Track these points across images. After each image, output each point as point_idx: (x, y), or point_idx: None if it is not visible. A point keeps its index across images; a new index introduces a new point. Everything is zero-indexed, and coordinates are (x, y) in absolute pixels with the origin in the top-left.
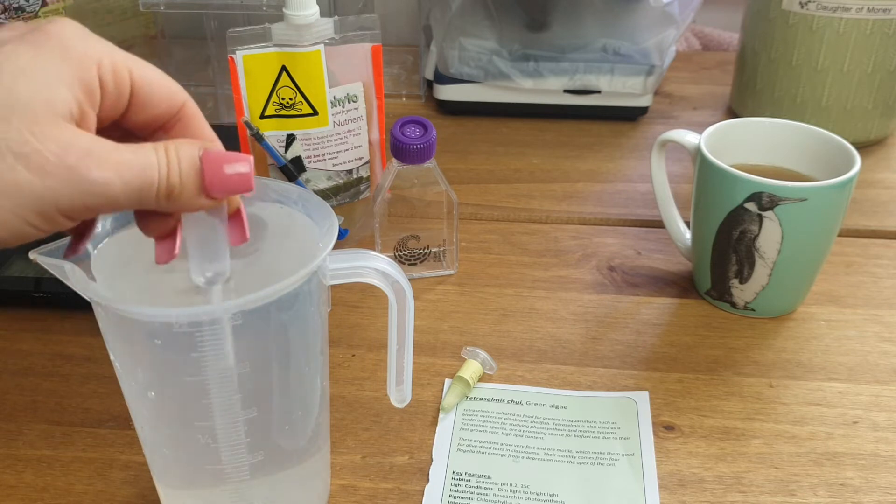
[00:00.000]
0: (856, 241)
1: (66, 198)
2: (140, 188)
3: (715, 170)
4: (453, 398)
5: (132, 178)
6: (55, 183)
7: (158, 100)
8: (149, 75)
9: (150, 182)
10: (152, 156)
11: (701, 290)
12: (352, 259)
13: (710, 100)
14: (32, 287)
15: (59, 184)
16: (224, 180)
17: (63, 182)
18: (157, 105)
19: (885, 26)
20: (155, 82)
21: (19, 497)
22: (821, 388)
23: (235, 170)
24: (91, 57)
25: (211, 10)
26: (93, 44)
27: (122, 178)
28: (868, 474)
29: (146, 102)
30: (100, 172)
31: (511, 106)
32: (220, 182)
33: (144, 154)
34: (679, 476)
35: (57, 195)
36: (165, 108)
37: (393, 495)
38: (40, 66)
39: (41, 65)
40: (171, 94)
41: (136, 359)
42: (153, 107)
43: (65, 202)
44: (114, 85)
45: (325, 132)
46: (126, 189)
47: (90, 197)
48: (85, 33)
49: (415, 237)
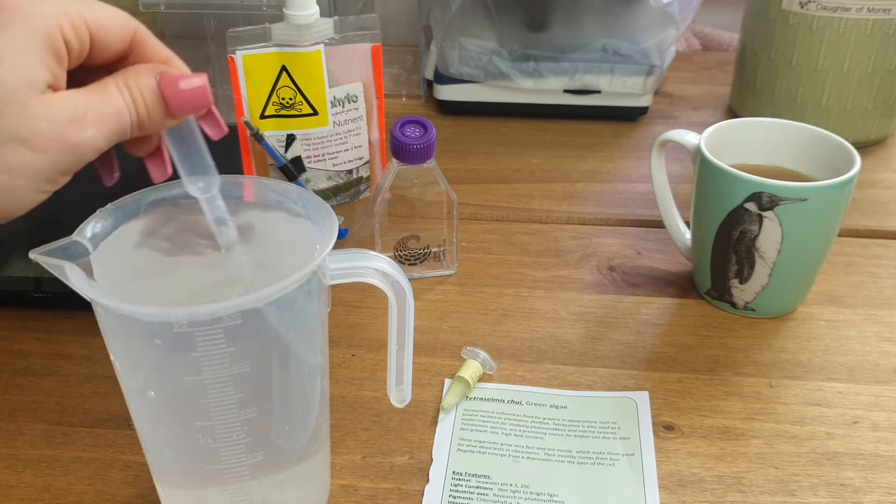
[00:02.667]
0: (856, 241)
1: (63, 163)
2: (118, 132)
3: (715, 170)
4: (453, 398)
5: (110, 127)
6: (54, 154)
7: (114, 38)
8: (101, 17)
9: (124, 124)
10: (119, 98)
11: (701, 290)
12: (352, 259)
13: (710, 100)
14: (32, 287)
15: (57, 154)
16: (184, 98)
17: (60, 151)
18: (114, 43)
19: (885, 26)
20: (108, 22)
21: (19, 497)
22: (821, 388)
23: (192, 85)
24: (51, 20)
25: (211, 10)
26: (48, 6)
27: (102, 131)
28: (868, 474)
29: (104, 44)
30: (84, 134)
31: (511, 106)
32: (181, 101)
33: (112, 99)
34: (679, 476)
35: (57, 162)
36: (121, 43)
37: (393, 495)
38: (13, 50)
39: (13, 48)
40: (123, 26)
41: (136, 359)
42: (110, 46)
43: (64, 164)
44: (77, 41)
45: (325, 132)
46: (108, 137)
47: (82, 154)
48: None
49: (415, 237)
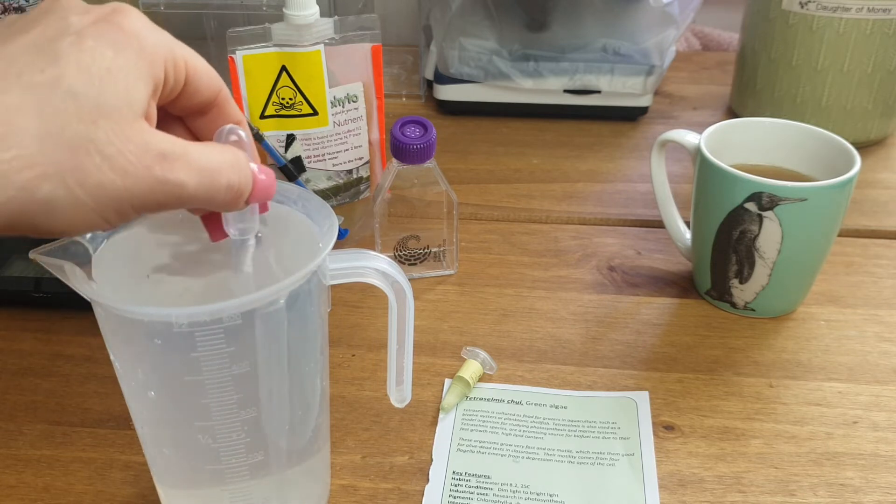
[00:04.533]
0: (856, 241)
1: (140, 196)
2: (208, 193)
3: (715, 170)
4: (453, 398)
5: (203, 182)
6: (133, 183)
7: (204, 88)
8: (198, 65)
9: (217, 188)
10: (223, 158)
11: (701, 290)
12: (352, 259)
13: (710, 100)
14: (32, 287)
15: (137, 183)
16: (263, 193)
17: (140, 182)
18: (203, 93)
19: (885, 26)
20: (202, 72)
21: (19, 497)
22: (821, 388)
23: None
24: (160, 53)
25: (211, 10)
26: (157, 36)
27: (192, 182)
28: (868, 474)
29: (195, 91)
30: (174, 174)
31: (511, 106)
32: (260, 193)
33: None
34: (679, 476)
35: (133, 194)
36: (207, 95)
37: (393, 495)
38: (122, 67)
39: (123, 65)
40: (213, 81)
41: (136, 359)
42: (199, 95)
43: (139, 200)
44: (174, 78)
45: (325, 132)
46: (196, 192)
47: (163, 196)
48: (150, 25)
49: (415, 237)
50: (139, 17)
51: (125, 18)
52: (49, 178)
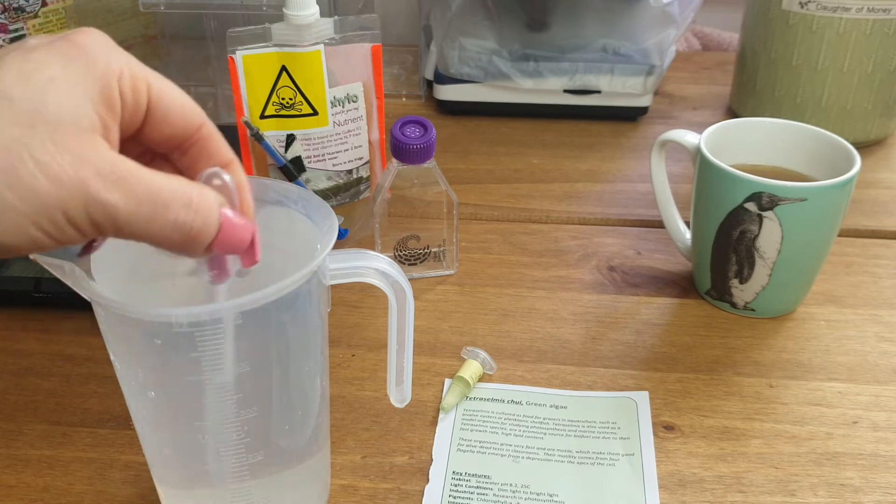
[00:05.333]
0: (856, 241)
1: (73, 211)
2: (147, 225)
3: (715, 170)
4: (453, 398)
5: (144, 211)
6: (67, 195)
7: (175, 118)
8: (167, 91)
9: (161, 223)
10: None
11: (701, 290)
12: (352, 259)
13: (710, 100)
14: (32, 287)
15: (71, 196)
16: (230, 243)
17: (74, 196)
18: (174, 123)
19: (885, 26)
20: (173, 100)
21: (19, 497)
22: (821, 388)
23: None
24: (113, 70)
25: (211, 10)
26: (115, 56)
27: (130, 207)
28: (868, 474)
29: (163, 119)
30: (108, 195)
31: (511, 106)
32: (227, 243)
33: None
34: (679, 476)
35: (67, 207)
36: (182, 127)
37: (393, 495)
38: (67, 78)
39: (68, 77)
40: (189, 113)
41: (136, 359)
42: (169, 124)
43: (72, 215)
44: (132, 98)
45: (325, 132)
46: (133, 220)
47: (97, 216)
48: (109, 45)
49: (415, 237)
50: (100, 38)
51: (83, 36)
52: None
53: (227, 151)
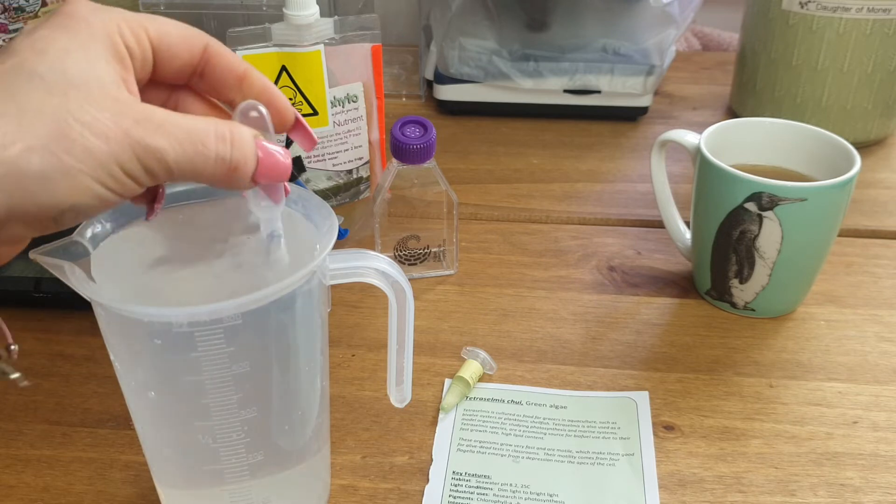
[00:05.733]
0: (856, 241)
1: (127, 162)
2: (192, 162)
3: (715, 170)
4: (453, 398)
5: (186, 150)
6: (117, 148)
7: (179, 49)
8: (163, 27)
9: (204, 157)
10: (210, 131)
11: (701, 290)
12: (352, 259)
13: (710, 100)
14: (32, 287)
15: (121, 148)
16: (272, 171)
17: (123, 147)
18: (180, 54)
19: (885, 26)
20: (171, 33)
21: (19, 497)
22: (821, 388)
23: (284, 161)
24: (111, 27)
25: (211, 10)
26: (107, 14)
27: (175, 149)
28: (868, 474)
29: (168, 54)
30: (153, 140)
31: (511, 106)
32: (268, 172)
33: (201, 129)
34: (679, 476)
35: (120, 159)
36: (188, 55)
37: (393, 495)
38: (78, 45)
39: (78, 44)
40: (189, 38)
41: (136, 359)
42: (177, 57)
43: (127, 166)
44: (138, 47)
45: (325, 132)
46: (179, 159)
47: (148, 162)
48: (96, 6)
49: (415, 237)
50: (86, 3)
51: (71, 6)
52: (36, 150)
53: (239, 62)
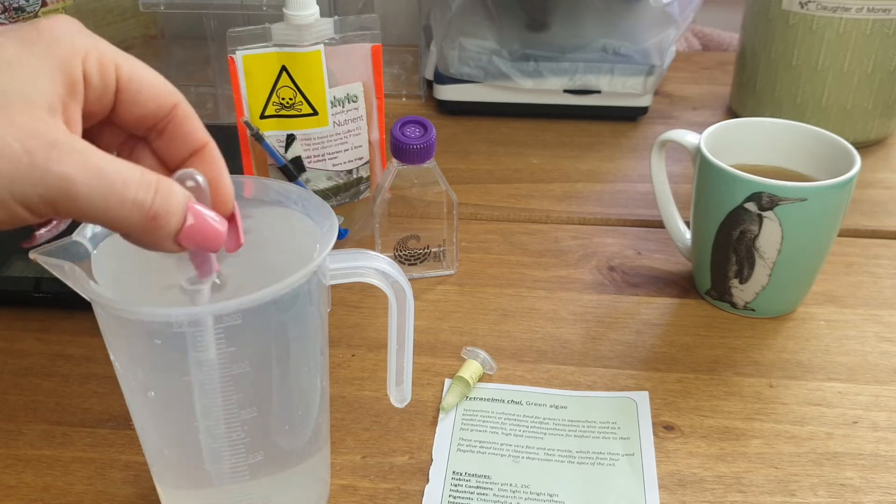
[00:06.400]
0: (856, 241)
1: (20, 185)
2: (105, 202)
3: (715, 170)
4: (453, 398)
5: (100, 188)
6: (13, 168)
7: (147, 97)
8: (138, 72)
9: (119, 200)
10: (133, 174)
11: (701, 290)
12: (352, 259)
13: (710, 100)
14: (32, 287)
15: (17, 170)
16: (200, 234)
17: (21, 169)
18: (146, 103)
19: (885, 26)
20: (144, 80)
21: (19, 497)
22: (821, 388)
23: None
24: (77, 51)
25: (211, 10)
26: (82, 39)
27: (84, 182)
28: (868, 474)
29: (134, 99)
30: (61, 166)
31: (511, 106)
32: (196, 234)
33: (123, 167)
34: (679, 476)
35: (13, 181)
36: (154, 106)
37: (393, 495)
38: (24, 61)
39: (25, 59)
40: (162, 93)
41: (136, 359)
42: (141, 105)
43: (20, 190)
44: (99, 78)
45: (325, 132)
46: (89, 195)
47: (47, 190)
48: (76, 29)
49: (415, 237)
50: (66, 22)
51: (49, 21)
52: None
53: (203, 133)
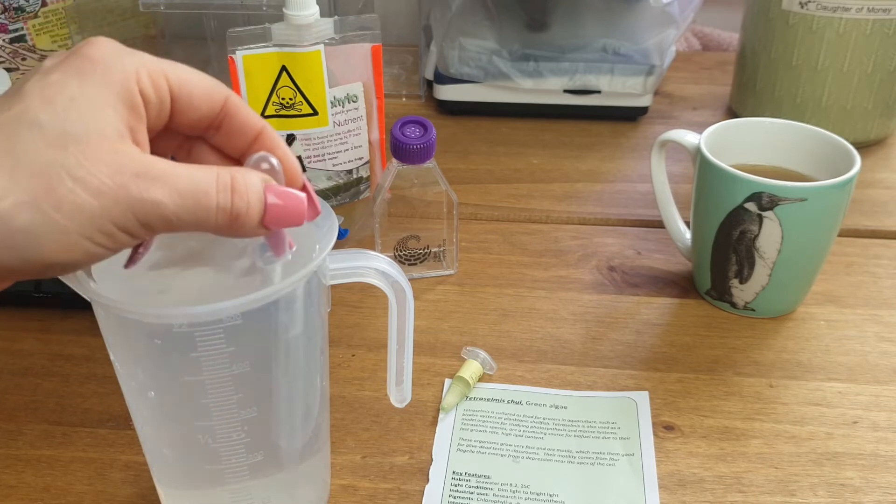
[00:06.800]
0: (856, 241)
1: (121, 216)
2: (194, 214)
3: (715, 170)
4: (453, 398)
5: (186, 203)
6: (110, 203)
7: (199, 100)
8: (185, 77)
9: (205, 208)
10: (210, 179)
11: (701, 290)
12: (352, 259)
13: (710, 100)
14: (32, 287)
15: (114, 203)
16: (282, 217)
17: (117, 202)
18: (200, 106)
19: (885, 26)
20: (193, 83)
21: (19, 497)
22: (821, 388)
23: (297, 204)
24: (129, 73)
25: (211, 10)
26: (128, 59)
27: (173, 202)
28: (868, 474)
29: (188, 104)
30: (150, 193)
31: (511, 106)
32: (277, 218)
33: (201, 179)
34: (679, 476)
35: (113, 214)
36: (207, 108)
37: (393, 495)
38: (87, 94)
39: (87, 92)
40: (213, 92)
41: (136, 359)
42: (196, 108)
43: (121, 221)
44: (155, 95)
45: (325, 132)
46: (179, 212)
47: (144, 216)
48: (119, 50)
49: (415, 237)
50: (109, 45)
51: (93, 48)
52: (25, 206)
53: (256, 119)
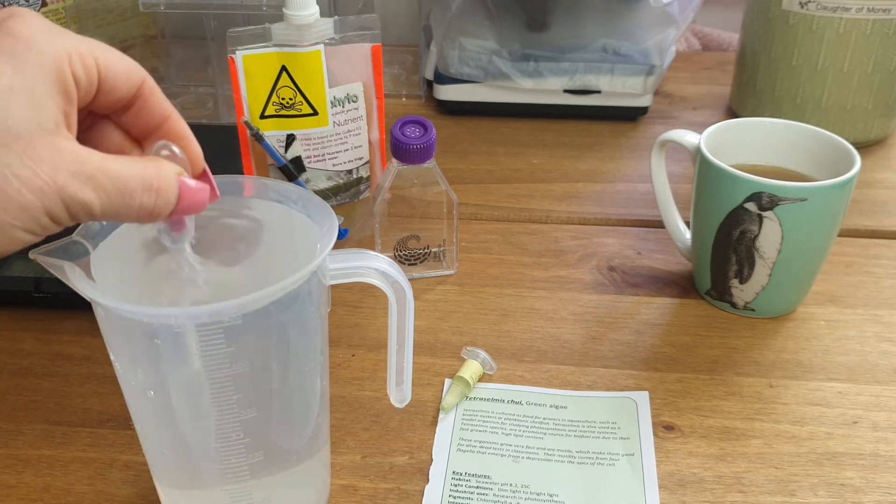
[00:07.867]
0: (856, 241)
1: (56, 211)
2: (117, 212)
3: (715, 170)
4: (453, 398)
5: (113, 204)
6: (50, 202)
7: (121, 81)
8: (113, 60)
9: (128, 208)
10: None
11: (701, 290)
12: (352, 259)
13: (710, 100)
14: (32, 287)
15: (52, 201)
16: (189, 208)
17: (55, 200)
18: (120, 87)
19: (885, 26)
20: (117, 65)
21: (19, 497)
22: (821, 388)
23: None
24: (62, 57)
25: (211, 10)
26: (60, 39)
27: (102, 202)
28: (868, 474)
29: (112, 86)
30: (84, 195)
31: (511, 106)
32: (189, 206)
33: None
34: (679, 476)
35: (50, 210)
36: (126, 88)
37: (393, 495)
38: (23, 83)
39: (23, 81)
40: (131, 72)
41: (136, 359)
42: (117, 89)
43: (55, 214)
44: (86, 78)
45: (325, 132)
46: (105, 211)
47: (74, 211)
48: (47, 28)
49: (415, 237)
50: (35, 20)
51: (19, 23)
52: None
53: (167, 104)
